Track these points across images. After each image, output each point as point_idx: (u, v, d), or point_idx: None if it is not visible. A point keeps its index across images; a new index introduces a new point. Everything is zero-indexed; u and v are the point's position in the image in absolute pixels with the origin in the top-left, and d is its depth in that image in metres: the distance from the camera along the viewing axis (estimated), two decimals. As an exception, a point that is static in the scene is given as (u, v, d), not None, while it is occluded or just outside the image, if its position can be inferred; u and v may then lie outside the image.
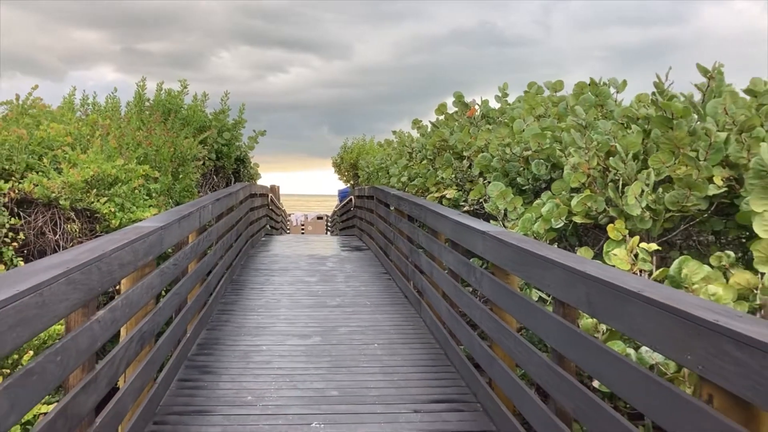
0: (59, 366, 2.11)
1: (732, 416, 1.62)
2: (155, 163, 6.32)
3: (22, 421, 2.90)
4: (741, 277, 2.85)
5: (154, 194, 5.99)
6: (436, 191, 7.38)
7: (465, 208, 6.45)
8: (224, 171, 12.22)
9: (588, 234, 4.90)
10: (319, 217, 26.53)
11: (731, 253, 3.20)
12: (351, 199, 14.35)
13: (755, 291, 3.06)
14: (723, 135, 3.47)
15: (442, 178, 7.03)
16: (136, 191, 5.61)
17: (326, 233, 22.66)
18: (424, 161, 8.23)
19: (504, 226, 4.92)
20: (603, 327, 2.83)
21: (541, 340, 3.02)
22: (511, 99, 7.65)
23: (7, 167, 5.00)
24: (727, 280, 3.09)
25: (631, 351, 2.71)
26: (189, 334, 4.51)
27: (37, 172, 5.20)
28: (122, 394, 2.90)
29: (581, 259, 2.71)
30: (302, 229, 23.81)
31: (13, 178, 5.02)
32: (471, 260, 4.23)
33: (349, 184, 21.02)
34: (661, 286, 2.19)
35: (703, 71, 4.09)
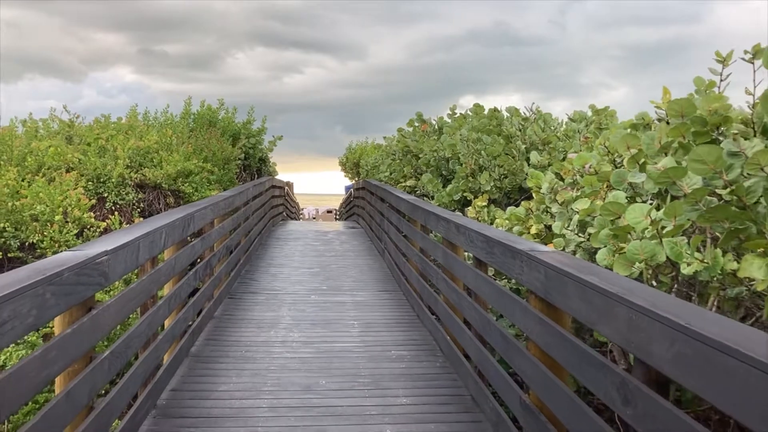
0: (205, 243, 5.32)
1: (460, 255, 4.77)
2: (212, 162, 9.56)
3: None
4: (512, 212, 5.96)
5: (212, 182, 9.22)
6: (404, 181, 10.58)
7: (418, 192, 9.66)
8: (250, 168, 15.54)
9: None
10: (329, 211, 30.03)
11: (520, 207, 6.32)
12: (351, 192, 17.57)
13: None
14: (523, 147, 6.62)
15: (406, 172, 10.22)
16: (203, 180, 8.84)
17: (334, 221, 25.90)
18: (398, 160, 11.40)
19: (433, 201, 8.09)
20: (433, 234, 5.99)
21: (422, 248, 6.18)
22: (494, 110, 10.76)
23: (129, 164, 8.27)
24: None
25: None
26: (242, 260, 7.73)
27: (144, 167, 8.43)
28: (219, 273, 6.11)
29: (430, 205, 5.88)
30: (313, 220, 27.11)
31: (132, 171, 8.28)
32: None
33: (354, 180, 24.26)
34: (452, 213, 5.36)
35: (530, 111, 7.23)
